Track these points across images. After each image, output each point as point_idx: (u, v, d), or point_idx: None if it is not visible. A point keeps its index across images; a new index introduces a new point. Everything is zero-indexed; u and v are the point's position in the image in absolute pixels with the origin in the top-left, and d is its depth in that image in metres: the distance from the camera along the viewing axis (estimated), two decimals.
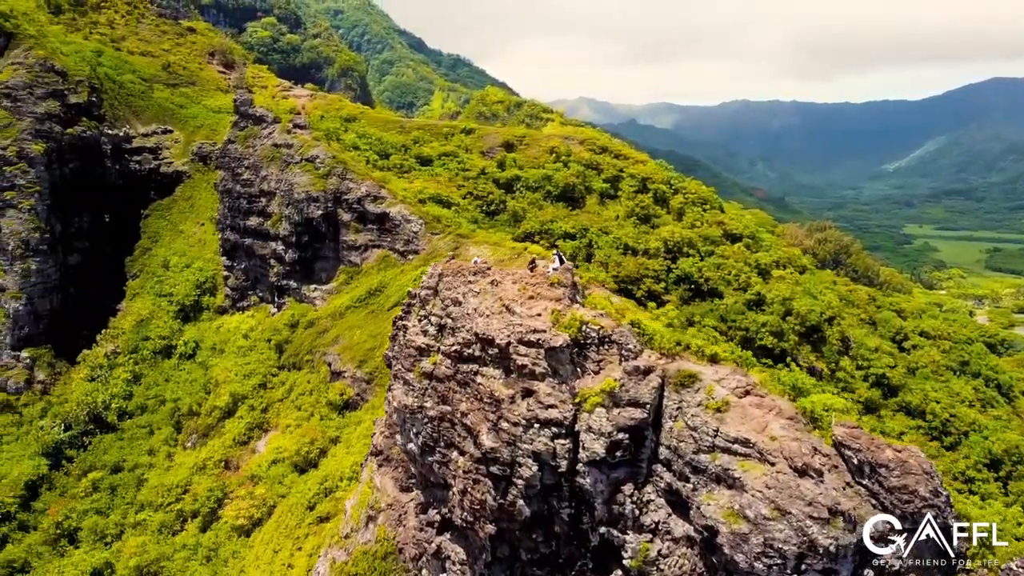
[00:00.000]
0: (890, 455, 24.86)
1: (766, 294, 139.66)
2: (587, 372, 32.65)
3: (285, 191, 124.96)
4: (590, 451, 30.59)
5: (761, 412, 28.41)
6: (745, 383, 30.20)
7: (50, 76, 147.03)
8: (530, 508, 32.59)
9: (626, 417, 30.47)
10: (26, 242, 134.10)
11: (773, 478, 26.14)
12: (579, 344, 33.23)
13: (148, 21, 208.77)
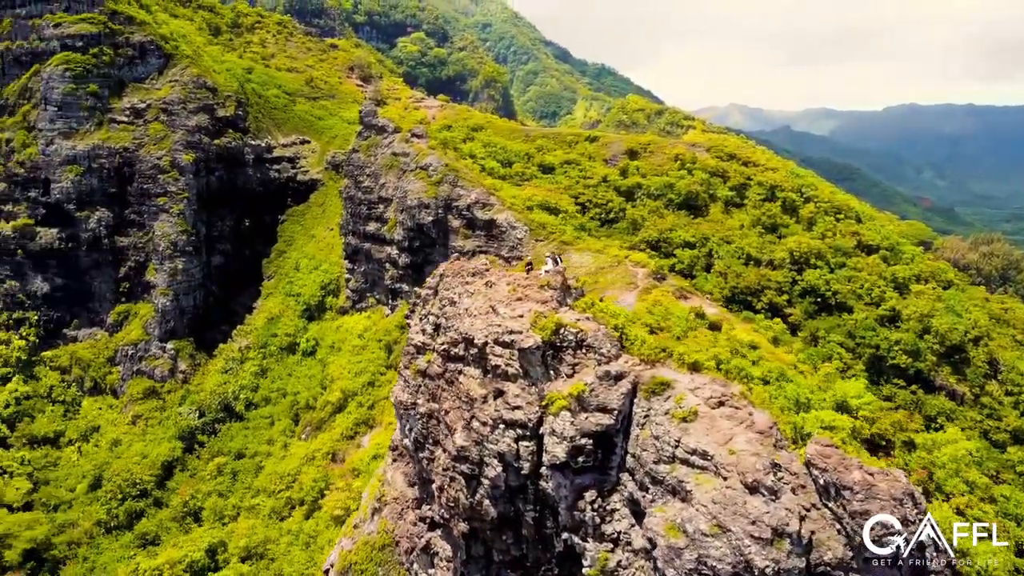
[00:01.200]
0: (856, 477, 22.73)
1: (902, 310, 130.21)
2: (560, 375, 31.99)
3: (400, 197, 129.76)
4: (551, 455, 29.93)
5: (730, 424, 26.72)
6: (721, 393, 28.49)
7: (202, 92, 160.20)
8: (496, 509, 32.29)
9: (592, 423, 29.57)
10: (175, 244, 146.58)
11: (721, 493, 24.56)
12: (554, 347, 32.62)
13: (296, 39, 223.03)
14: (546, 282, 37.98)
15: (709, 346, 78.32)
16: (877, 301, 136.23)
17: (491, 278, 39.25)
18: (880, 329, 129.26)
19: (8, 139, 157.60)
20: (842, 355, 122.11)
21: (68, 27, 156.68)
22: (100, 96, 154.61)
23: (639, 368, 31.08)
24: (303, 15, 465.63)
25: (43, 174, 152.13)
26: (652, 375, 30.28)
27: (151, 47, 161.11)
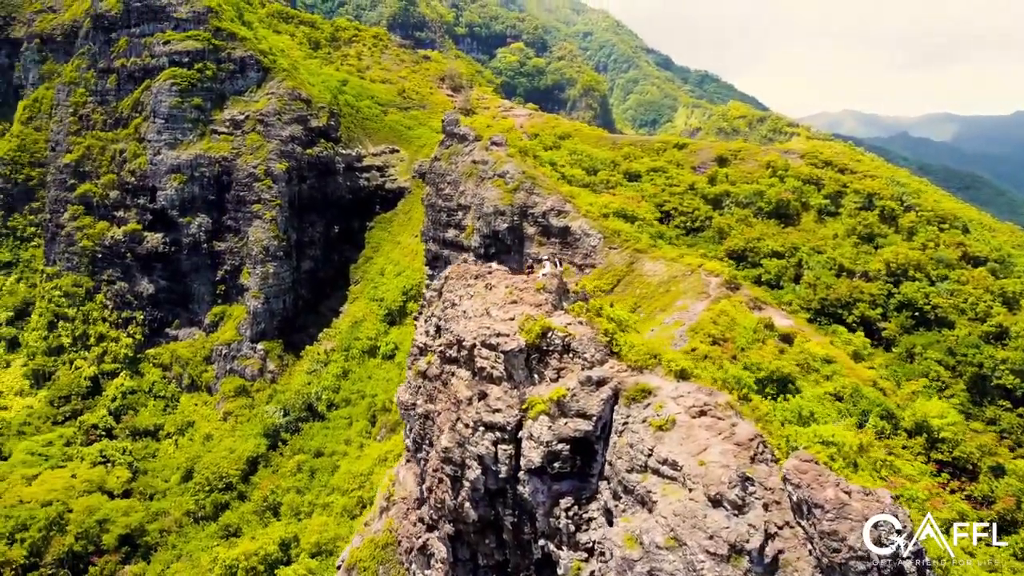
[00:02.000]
0: (829, 495, 21.15)
1: (1011, 326, 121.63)
2: (544, 379, 31.32)
3: (477, 204, 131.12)
4: (528, 459, 29.31)
5: (708, 434, 25.42)
6: (704, 402, 27.13)
7: (297, 104, 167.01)
8: (476, 512, 31.88)
9: (571, 428, 28.78)
10: (267, 248, 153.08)
11: (683, 505, 23.35)
12: (540, 350, 31.98)
13: (391, 51, 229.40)
14: (542, 285, 37.52)
15: (773, 358, 75.45)
16: (982, 316, 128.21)
17: (491, 281, 39.15)
18: (985, 347, 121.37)
19: (122, 150, 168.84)
20: (940, 373, 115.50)
21: (176, 44, 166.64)
22: (203, 109, 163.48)
23: (625, 374, 30.19)
24: (405, 28, 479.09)
25: (150, 182, 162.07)
26: (636, 381, 29.37)
27: (251, 61, 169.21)
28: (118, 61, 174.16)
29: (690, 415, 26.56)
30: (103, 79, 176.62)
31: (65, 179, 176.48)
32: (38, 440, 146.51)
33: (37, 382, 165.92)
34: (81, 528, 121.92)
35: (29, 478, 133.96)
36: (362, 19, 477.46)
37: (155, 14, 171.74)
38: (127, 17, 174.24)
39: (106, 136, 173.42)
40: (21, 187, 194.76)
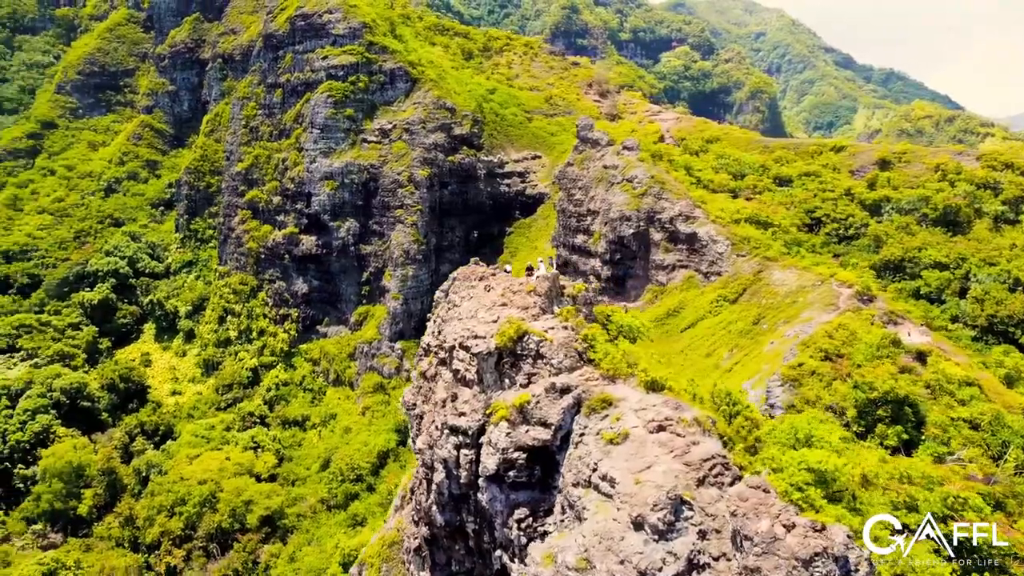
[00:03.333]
0: (762, 527, 18.48)
1: None
2: (515, 384, 29.71)
3: (605, 210, 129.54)
4: (484, 466, 27.94)
5: (660, 452, 23.02)
6: (666, 417, 24.61)
7: (441, 112, 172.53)
8: (443, 516, 30.76)
9: (530, 437, 27.07)
10: (407, 252, 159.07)
11: (604, 525, 21.26)
12: (515, 355, 30.35)
13: (540, 59, 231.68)
14: (532, 288, 35.97)
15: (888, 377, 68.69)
16: None
17: (491, 283, 38.14)
18: None
19: (284, 158, 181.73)
20: None
21: (333, 59, 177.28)
22: (355, 119, 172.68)
23: (594, 383, 28.27)
24: (568, 36, 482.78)
25: (306, 188, 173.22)
26: (601, 391, 27.42)
27: (400, 73, 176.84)
28: (284, 76, 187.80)
29: (647, 430, 24.56)
30: (271, 93, 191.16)
31: (236, 186, 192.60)
32: (202, 424, 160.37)
33: (207, 371, 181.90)
34: (229, 507, 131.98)
35: (191, 457, 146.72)
36: (526, 29, 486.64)
37: (316, 31, 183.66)
38: (293, 35, 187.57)
39: (271, 146, 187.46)
40: (202, 193, 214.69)
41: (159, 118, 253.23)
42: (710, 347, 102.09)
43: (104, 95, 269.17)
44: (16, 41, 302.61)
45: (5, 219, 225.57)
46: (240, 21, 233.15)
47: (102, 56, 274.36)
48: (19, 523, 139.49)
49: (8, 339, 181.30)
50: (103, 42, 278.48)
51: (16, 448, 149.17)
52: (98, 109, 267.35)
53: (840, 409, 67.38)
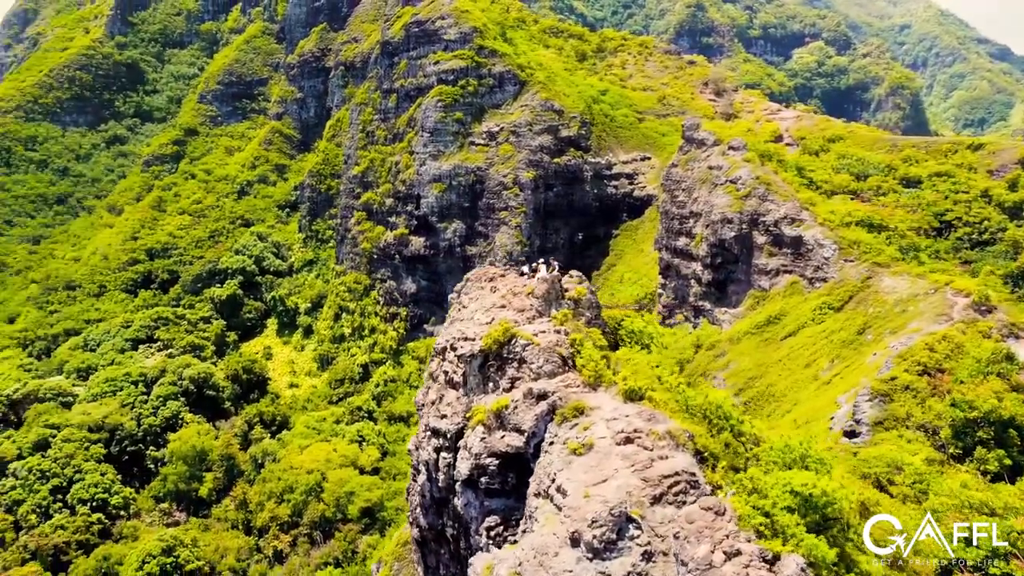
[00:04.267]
0: (699, 553, 16.81)
1: None
2: (499, 388, 28.64)
3: (706, 212, 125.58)
4: (458, 470, 27.09)
5: (622, 464, 21.45)
6: (635, 428, 22.91)
7: (549, 114, 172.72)
8: (426, 519, 30.06)
9: (504, 443, 25.99)
10: (510, 254, 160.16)
11: (543, 540, 19.98)
12: (501, 358, 29.26)
13: (655, 59, 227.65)
14: (530, 290, 34.74)
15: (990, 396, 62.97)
16: None
17: (498, 284, 37.27)
18: None
19: (396, 161, 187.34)
20: None
21: (443, 64, 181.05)
22: (464, 122, 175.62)
23: (573, 390, 26.94)
24: (693, 35, 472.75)
25: (416, 191, 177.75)
26: (577, 399, 26.10)
27: (508, 76, 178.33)
28: (398, 82, 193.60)
29: (614, 441, 23.31)
30: (386, 99, 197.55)
31: (353, 188, 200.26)
32: (315, 416, 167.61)
33: (322, 365, 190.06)
34: (333, 497, 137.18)
35: (302, 448, 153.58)
36: (650, 28, 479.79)
37: (429, 37, 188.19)
38: (407, 42, 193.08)
39: (385, 149, 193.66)
40: (323, 196, 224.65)
41: (288, 124, 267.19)
42: (810, 357, 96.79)
43: (240, 103, 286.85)
44: (166, 55, 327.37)
45: (151, 219, 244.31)
46: (362, 30, 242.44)
47: (239, 67, 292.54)
48: (148, 500, 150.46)
49: (147, 330, 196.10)
50: (240, 54, 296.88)
51: (149, 431, 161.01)
52: (235, 116, 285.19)
53: (933, 428, 62.15)
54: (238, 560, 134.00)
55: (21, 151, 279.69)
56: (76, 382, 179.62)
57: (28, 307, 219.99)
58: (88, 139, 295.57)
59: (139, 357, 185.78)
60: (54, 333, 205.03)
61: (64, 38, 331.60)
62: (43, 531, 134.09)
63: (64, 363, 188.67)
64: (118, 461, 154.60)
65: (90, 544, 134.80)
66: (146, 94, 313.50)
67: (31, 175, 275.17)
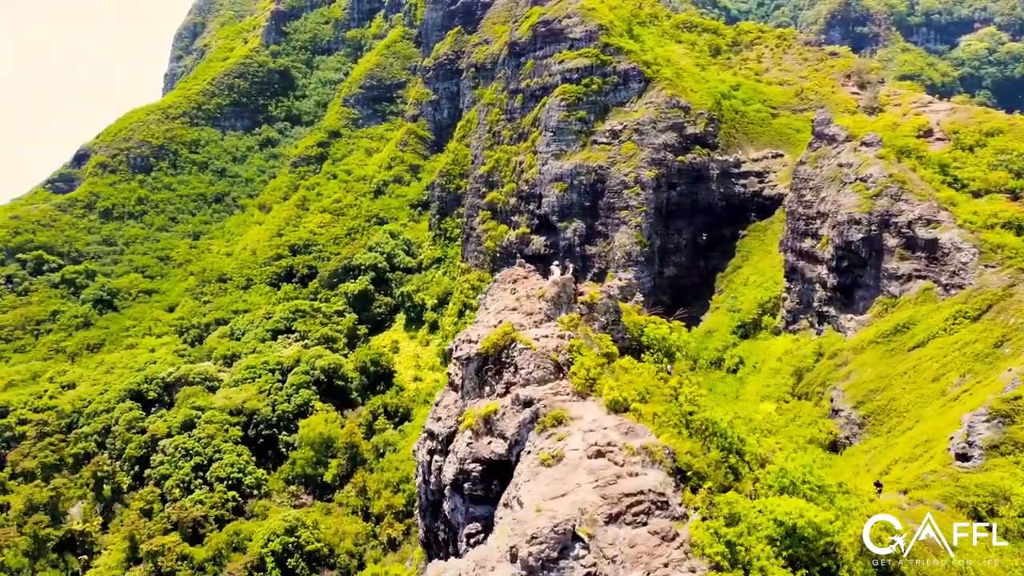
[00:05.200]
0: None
1: None
2: (494, 392, 27.34)
3: (833, 212, 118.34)
4: (444, 475, 26.14)
5: (586, 479, 19.83)
6: (610, 441, 21.13)
7: (674, 111, 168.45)
8: (423, 521, 29.21)
9: (488, 449, 24.75)
10: (629, 254, 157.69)
11: (486, 553, 18.80)
12: (499, 362, 27.88)
13: (793, 51, 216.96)
14: (542, 293, 33.00)
15: None
16: None
17: (518, 285, 35.89)
18: None
19: (520, 161, 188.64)
20: None
21: (568, 63, 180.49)
22: (586, 121, 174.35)
23: (560, 398, 25.41)
24: (845, 24, 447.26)
25: (538, 190, 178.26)
26: (560, 407, 24.59)
27: (633, 73, 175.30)
28: (524, 82, 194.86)
29: (586, 454, 22.03)
30: (512, 99, 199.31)
31: (479, 188, 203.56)
32: None
33: (445, 360, 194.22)
34: None
35: None
36: (798, 20, 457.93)
37: (555, 36, 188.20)
38: (534, 42, 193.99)
39: (511, 149, 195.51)
40: (452, 195, 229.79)
41: (422, 126, 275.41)
42: (939, 370, 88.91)
43: (380, 106, 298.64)
44: (315, 62, 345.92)
45: (295, 217, 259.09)
46: (493, 31, 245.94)
47: (379, 71, 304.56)
48: (279, 482, 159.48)
49: (286, 321, 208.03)
50: (381, 58, 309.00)
51: (282, 417, 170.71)
52: (374, 119, 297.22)
53: None
54: (355, 544, 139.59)
55: (186, 154, 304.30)
56: (222, 368, 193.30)
57: (186, 297, 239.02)
58: (244, 142, 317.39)
59: (277, 347, 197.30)
60: (206, 322, 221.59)
61: (226, 49, 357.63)
62: (184, 505, 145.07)
63: (213, 350, 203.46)
64: (253, 443, 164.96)
65: (224, 519, 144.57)
66: (296, 99, 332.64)
67: (193, 176, 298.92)
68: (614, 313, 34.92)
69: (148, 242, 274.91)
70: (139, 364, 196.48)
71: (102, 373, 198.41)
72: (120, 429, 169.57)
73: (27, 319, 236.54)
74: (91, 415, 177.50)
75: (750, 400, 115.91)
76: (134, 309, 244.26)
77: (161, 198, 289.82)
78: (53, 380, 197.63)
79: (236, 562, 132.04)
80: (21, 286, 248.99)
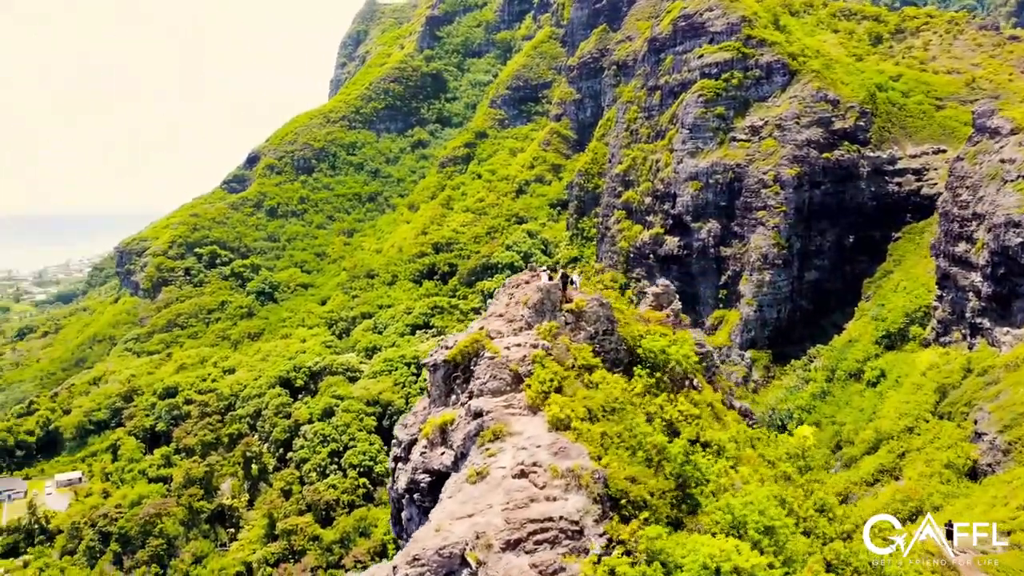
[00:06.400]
0: None
1: None
2: (459, 401, 25.58)
3: (990, 213, 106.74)
4: (399, 484, 24.83)
5: (500, 499, 17.99)
6: (536, 460, 19.04)
7: (820, 105, 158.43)
8: (395, 528, 27.84)
9: (438, 460, 23.28)
10: (765, 256, 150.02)
11: (380, 570, 17.47)
12: (468, 370, 26.01)
13: (966, 36, 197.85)
14: (525, 300, 30.59)
15: None
16: None
17: (516, 291, 33.77)
18: None
19: (657, 160, 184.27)
20: None
21: (707, 57, 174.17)
22: (725, 117, 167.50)
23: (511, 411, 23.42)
24: None
25: (673, 189, 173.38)
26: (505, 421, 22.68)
27: (777, 66, 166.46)
28: (663, 78, 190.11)
29: (511, 473, 20.49)
30: (651, 96, 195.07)
31: (615, 187, 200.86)
32: None
33: None
34: None
35: None
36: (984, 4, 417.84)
37: (695, 31, 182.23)
38: (674, 37, 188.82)
39: (647, 148, 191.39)
40: (590, 194, 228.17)
41: (565, 125, 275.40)
42: None
43: (525, 106, 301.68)
44: (466, 64, 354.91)
45: (439, 216, 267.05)
46: (636, 28, 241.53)
47: (526, 71, 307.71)
48: None
49: (425, 317, 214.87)
50: (527, 59, 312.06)
51: None
52: (520, 119, 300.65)
53: None
54: None
55: (344, 155, 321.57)
56: (363, 360, 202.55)
57: (337, 292, 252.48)
58: (397, 144, 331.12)
59: (415, 341, 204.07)
60: (353, 315, 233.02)
61: (384, 55, 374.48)
62: (318, 488, 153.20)
63: (357, 342, 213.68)
64: (387, 433, 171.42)
65: (354, 504, 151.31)
66: (446, 101, 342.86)
67: (349, 176, 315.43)
68: (606, 322, 32.79)
69: (307, 239, 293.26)
70: (291, 353, 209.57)
71: (258, 360, 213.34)
72: (269, 413, 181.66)
73: (200, 308, 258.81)
74: (246, 399, 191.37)
75: (887, 418, 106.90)
76: (292, 301, 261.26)
77: (320, 197, 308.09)
78: (217, 365, 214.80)
79: (361, 546, 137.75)
80: (197, 278, 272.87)
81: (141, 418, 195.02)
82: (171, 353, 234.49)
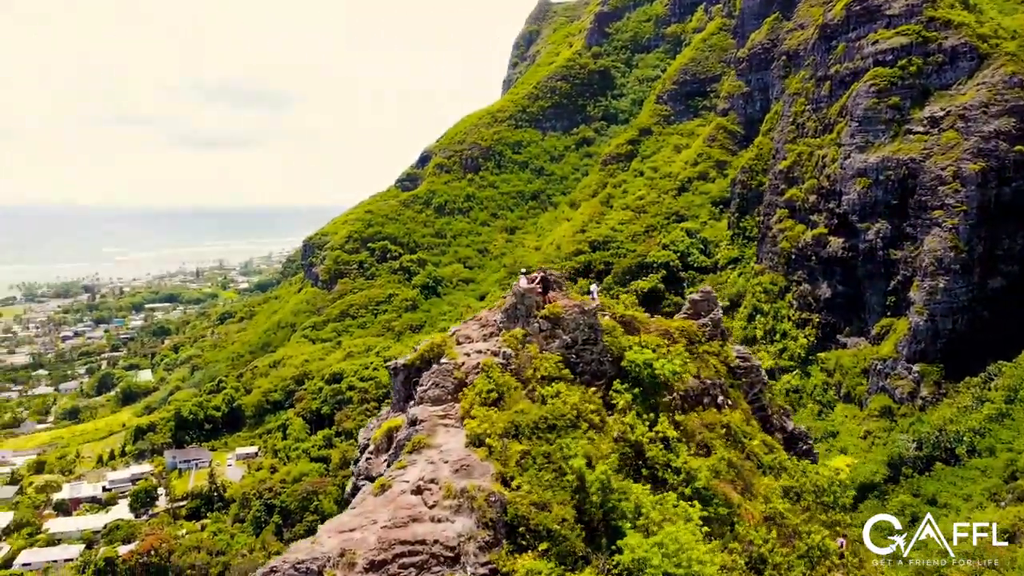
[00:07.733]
0: None
1: None
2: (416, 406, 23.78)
3: None
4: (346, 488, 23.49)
5: (385, 516, 16.30)
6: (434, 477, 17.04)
7: (1013, 92, 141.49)
8: None
9: (376, 468, 21.71)
10: (939, 260, 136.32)
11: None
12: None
13: None
14: (500, 304, 27.85)
15: None
16: None
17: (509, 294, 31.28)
18: None
19: (823, 155, 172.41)
20: None
21: (881, 43, 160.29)
22: (900, 108, 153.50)
23: (441, 422, 21.42)
24: None
25: (838, 186, 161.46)
26: (426, 434, 20.83)
27: (963, 50, 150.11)
28: (833, 68, 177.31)
29: (410, 488, 19.14)
30: (819, 87, 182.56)
31: (778, 184, 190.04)
32: None
33: None
34: None
35: None
36: None
37: (871, 15, 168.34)
38: (847, 23, 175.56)
39: (814, 142, 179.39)
40: (754, 192, 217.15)
41: (732, 120, 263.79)
42: None
43: (692, 101, 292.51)
44: (634, 60, 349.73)
45: (599, 214, 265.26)
46: (809, 15, 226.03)
47: (694, 65, 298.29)
48: None
49: None
50: (696, 52, 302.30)
51: None
52: (686, 115, 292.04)
53: None
54: None
55: (509, 154, 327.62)
56: None
57: (495, 288, 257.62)
58: (562, 142, 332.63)
59: None
60: None
61: (553, 53, 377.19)
62: None
63: None
64: None
65: None
66: (613, 98, 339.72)
67: (514, 174, 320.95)
68: (587, 331, 30.19)
69: (471, 235, 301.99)
70: None
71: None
72: None
73: (370, 300, 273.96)
74: None
75: None
76: (453, 296, 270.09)
77: (485, 195, 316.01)
78: (379, 354, 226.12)
79: None
80: (368, 271, 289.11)
81: (308, 401, 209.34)
82: (340, 341, 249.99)
